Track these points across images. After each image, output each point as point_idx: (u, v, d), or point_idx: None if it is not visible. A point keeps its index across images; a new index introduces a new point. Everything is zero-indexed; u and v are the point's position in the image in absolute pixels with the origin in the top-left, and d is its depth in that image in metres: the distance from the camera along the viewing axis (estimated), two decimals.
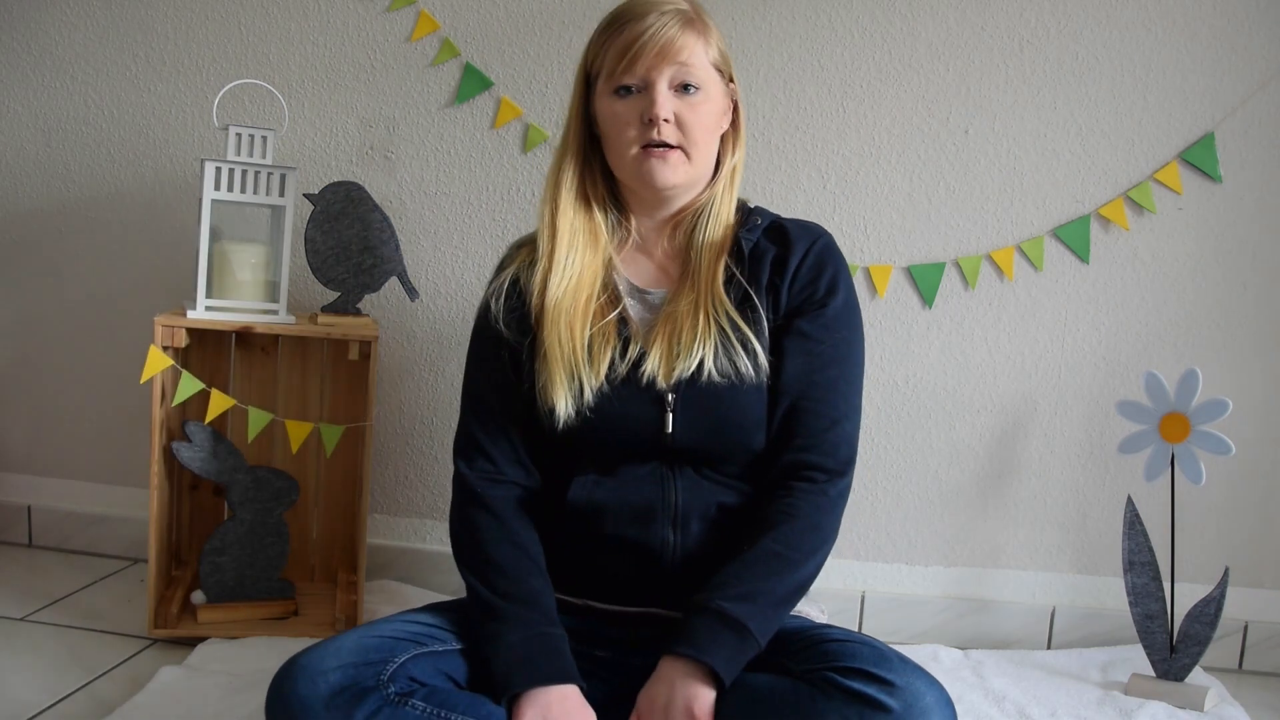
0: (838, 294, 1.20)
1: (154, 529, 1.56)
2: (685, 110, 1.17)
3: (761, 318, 1.18)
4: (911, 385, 1.81)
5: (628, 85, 1.17)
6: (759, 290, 1.20)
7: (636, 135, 1.17)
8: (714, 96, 1.20)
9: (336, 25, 1.84)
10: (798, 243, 1.22)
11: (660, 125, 1.15)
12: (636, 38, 1.15)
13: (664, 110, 1.15)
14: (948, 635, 1.80)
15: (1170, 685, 1.56)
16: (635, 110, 1.17)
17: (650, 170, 1.17)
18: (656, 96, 1.15)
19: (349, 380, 1.78)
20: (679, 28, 1.15)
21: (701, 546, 1.15)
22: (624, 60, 1.16)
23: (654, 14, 1.16)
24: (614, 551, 1.16)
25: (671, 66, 1.15)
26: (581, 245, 1.21)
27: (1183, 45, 1.72)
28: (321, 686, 0.99)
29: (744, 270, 1.21)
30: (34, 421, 1.97)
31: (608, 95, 1.19)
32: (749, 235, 1.23)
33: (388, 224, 1.68)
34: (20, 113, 1.91)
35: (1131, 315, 1.78)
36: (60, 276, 1.93)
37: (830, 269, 1.21)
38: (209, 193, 1.56)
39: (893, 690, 0.97)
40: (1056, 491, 1.81)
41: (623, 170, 1.21)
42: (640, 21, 1.16)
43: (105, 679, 1.43)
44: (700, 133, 1.18)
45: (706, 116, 1.19)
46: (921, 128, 1.77)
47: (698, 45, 1.17)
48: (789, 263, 1.21)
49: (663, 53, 1.15)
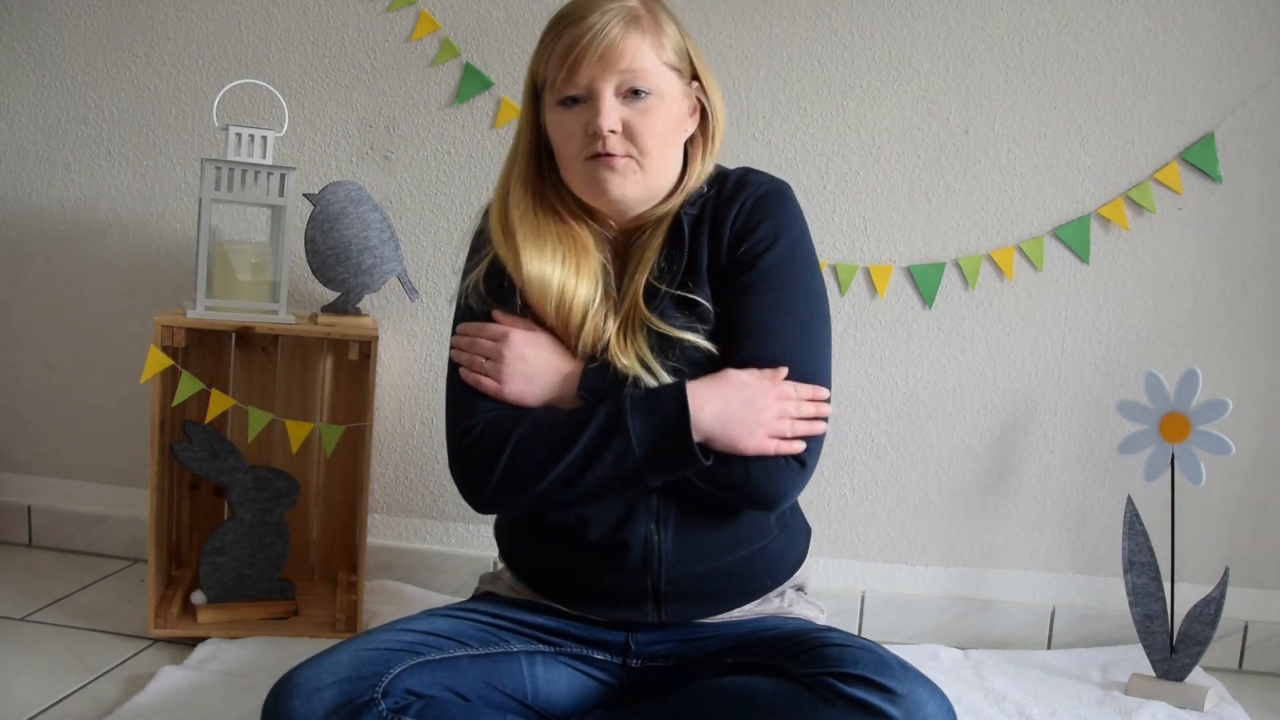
0: (778, 244, 1.12)
1: (154, 529, 1.56)
2: (634, 117, 1.08)
3: (701, 302, 1.11)
4: (911, 385, 1.81)
5: (572, 95, 1.09)
6: (698, 272, 1.13)
7: (580, 147, 1.09)
8: (670, 99, 1.10)
9: (336, 25, 1.84)
10: (734, 199, 1.14)
11: (605, 138, 1.07)
12: (575, 42, 1.06)
13: (608, 121, 1.07)
14: (948, 635, 1.80)
15: (1170, 685, 1.56)
16: (579, 122, 1.09)
17: (602, 180, 1.10)
18: (601, 106, 1.07)
19: (349, 380, 1.78)
20: (622, 27, 1.06)
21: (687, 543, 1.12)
22: (565, 68, 1.07)
23: (595, 14, 1.07)
24: (600, 559, 1.13)
25: (616, 73, 1.07)
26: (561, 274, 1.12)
27: (1183, 45, 1.72)
28: (316, 704, 0.98)
29: (682, 251, 1.13)
30: (34, 421, 1.97)
31: (554, 107, 1.11)
32: (690, 209, 1.15)
33: (388, 224, 1.68)
34: (21, 112, 1.91)
35: (1131, 315, 1.78)
36: (60, 276, 1.93)
37: (769, 220, 1.13)
38: (209, 193, 1.56)
39: (894, 698, 0.97)
40: (1056, 491, 1.81)
41: (575, 185, 1.13)
42: (580, 24, 1.07)
43: (105, 679, 1.43)
44: (652, 140, 1.09)
45: (659, 123, 1.10)
46: (921, 128, 1.77)
47: (644, 46, 1.08)
48: (723, 226, 1.13)
49: (605, 58, 1.06)
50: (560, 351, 1.13)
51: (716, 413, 1.05)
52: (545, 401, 1.11)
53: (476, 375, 1.12)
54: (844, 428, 1.81)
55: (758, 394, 1.06)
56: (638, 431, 1.05)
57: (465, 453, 1.10)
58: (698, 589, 1.13)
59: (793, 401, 1.08)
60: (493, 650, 1.12)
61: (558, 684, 1.14)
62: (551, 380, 1.12)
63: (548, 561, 1.17)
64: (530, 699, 1.12)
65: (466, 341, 1.15)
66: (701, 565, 1.12)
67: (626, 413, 1.05)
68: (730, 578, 1.15)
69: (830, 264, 1.78)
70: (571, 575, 1.16)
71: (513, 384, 1.11)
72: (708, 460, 1.06)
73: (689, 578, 1.12)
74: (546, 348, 1.13)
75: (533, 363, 1.12)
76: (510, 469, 1.07)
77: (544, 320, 1.14)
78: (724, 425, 1.06)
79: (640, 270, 1.13)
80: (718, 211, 1.14)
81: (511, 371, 1.11)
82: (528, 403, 1.11)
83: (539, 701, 1.12)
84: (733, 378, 1.08)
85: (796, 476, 1.09)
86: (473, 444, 1.10)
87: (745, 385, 1.07)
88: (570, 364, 1.12)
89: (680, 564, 1.12)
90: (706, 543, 1.13)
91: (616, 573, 1.13)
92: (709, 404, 1.05)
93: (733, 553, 1.14)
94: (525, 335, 1.12)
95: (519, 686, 1.12)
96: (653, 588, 1.12)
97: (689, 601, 1.14)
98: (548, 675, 1.14)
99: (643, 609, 1.14)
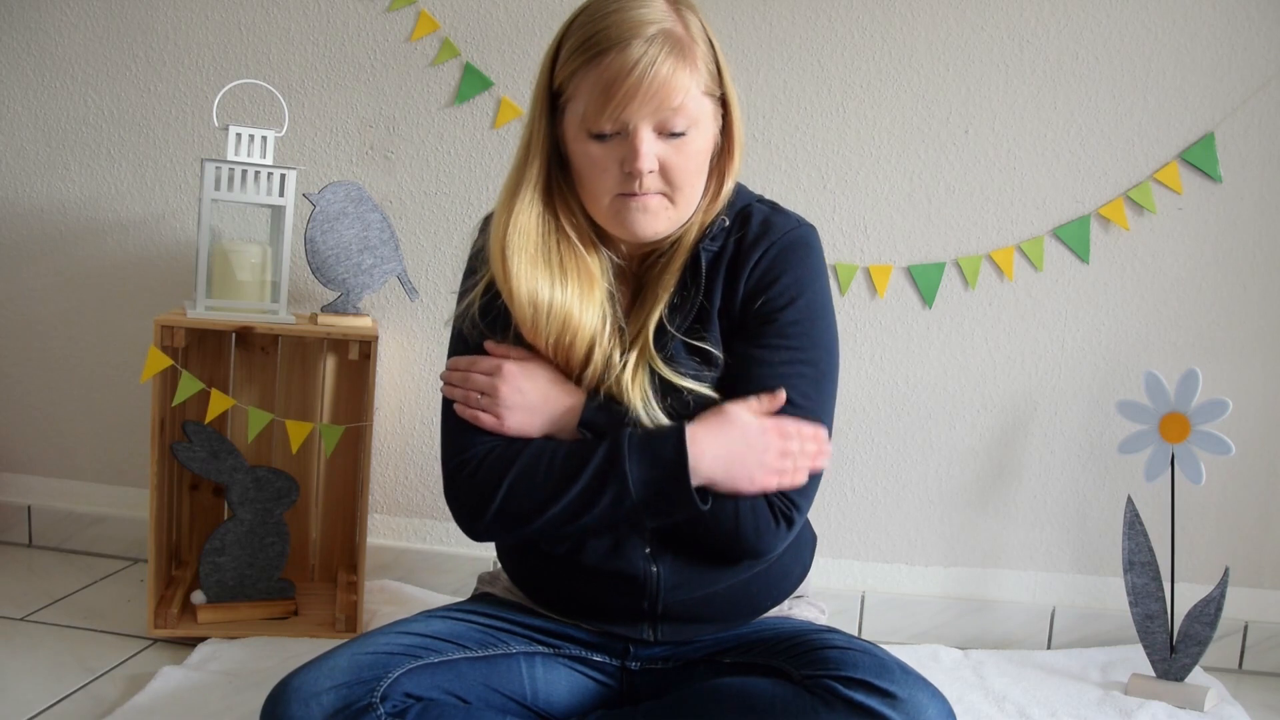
0: (798, 301, 1.09)
1: (154, 529, 1.56)
2: (671, 155, 1.04)
3: (711, 350, 1.09)
4: (911, 385, 1.81)
5: (604, 131, 1.02)
6: (709, 314, 1.10)
7: (614, 184, 1.04)
8: (703, 127, 1.06)
9: (336, 25, 1.84)
10: (756, 245, 1.10)
11: (643, 178, 1.03)
12: (619, 77, 0.99)
13: (647, 162, 1.02)
14: (948, 635, 1.80)
15: (1170, 685, 1.56)
16: (614, 155, 1.03)
17: (630, 220, 1.06)
18: (639, 146, 1.01)
19: (349, 380, 1.78)
20: (672, 63, 1.00)
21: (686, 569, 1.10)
22: (606, 103, 1.00)
23: (638, 42, 0.99)
24: (597, 582, 1.12)
25: (659, 113, 1.01)
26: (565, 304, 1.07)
27: (1183, 45, 1.72)
28: (315, 709, 0.98)
29: (697, 290, 1.09)
30: (34, 421, 1.97)
31: (580, 132, 1.04)
32: (710, 245, 1.11)
33: (388, 224, 1.68)
34: (21, 113, 1.91)
35: (1131, 315, 1.78)
36: (60, 276, 1.93)
37: (790, 273, 1.10)
38: (209, 193, 1.56)
39: (895, 702, 0.96)
40: (1056, 491, 1.81)
41: (598, 215, 1.09)
42: (623, 54, 0.99)
43: (105, 679, 1.43)
44: (687, 178, 1.06)
45: (695, 159, 1.06)
46: (921, 128, 1.77)
47: (688, 79, 1.02)
48: (741, 273, 1.10)
49: (653, 99, 1.00)
50: (558, 381, 1.10)
51: (718, 456, 1.03)
52: (546, 433, 1.09)
53: (474, 411, 1.10)
54: (844, 428, 1.81)
55: (759, 434, 1.04)
56: (635, 475, 1.02)
57: (462, 485, 1.09)
58: (696, 612, 1.13)
59: (795, 440, 1.06)
60: (492, 652, 1.12)
61: (557, 685, 1.14)
62: (551, 411, 1.09)
63: (545, 578, 1.16)
64: (530, 700, 1.12)
65: (459, 377, 1.12)
66: (701, 590, 1.11)
67: (624, 457, 1.03)
68: (729, 601, 1.14)
69: (830, 264, 1.78)
70: (568, 594, 1.15)
71: (512, 418, 1.08)
72: (706, 504, 1.04)
73: (687, 602, 1.11)
74: (543, 378, 1.10)
75: (530, 394, 1.09)
76: (506, 505, 1.05)
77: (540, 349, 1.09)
78: (726, 468, 1.04)
79: (653, 307, 1.09)
80: (739, 255, 1.10)
81: (509, 405, 1.08)
82: (529, 434, 1.09)
83: (538, 703, 1.12)
84: (733, 418, 1.05)
85: (785, 534, 1.08)
86: (469, 476, 1.08)
87: (746, 426, 1.05)
88: (570, 396, 1.09)
89: (679, 589, 1.10)
90: (706, 568, 1.11)
91: (613, 596, 1.12)
92: (710, 449, 1.03)
93: (734, 577, 1.12)
94: (520, 367, 1.09)
95: (518, 688, 1.11)
96: (650, 610, 1.11)
97: (687, 623, 1.13)
98: (547, 676, 1.14)
99: (640, 628, 1.13)
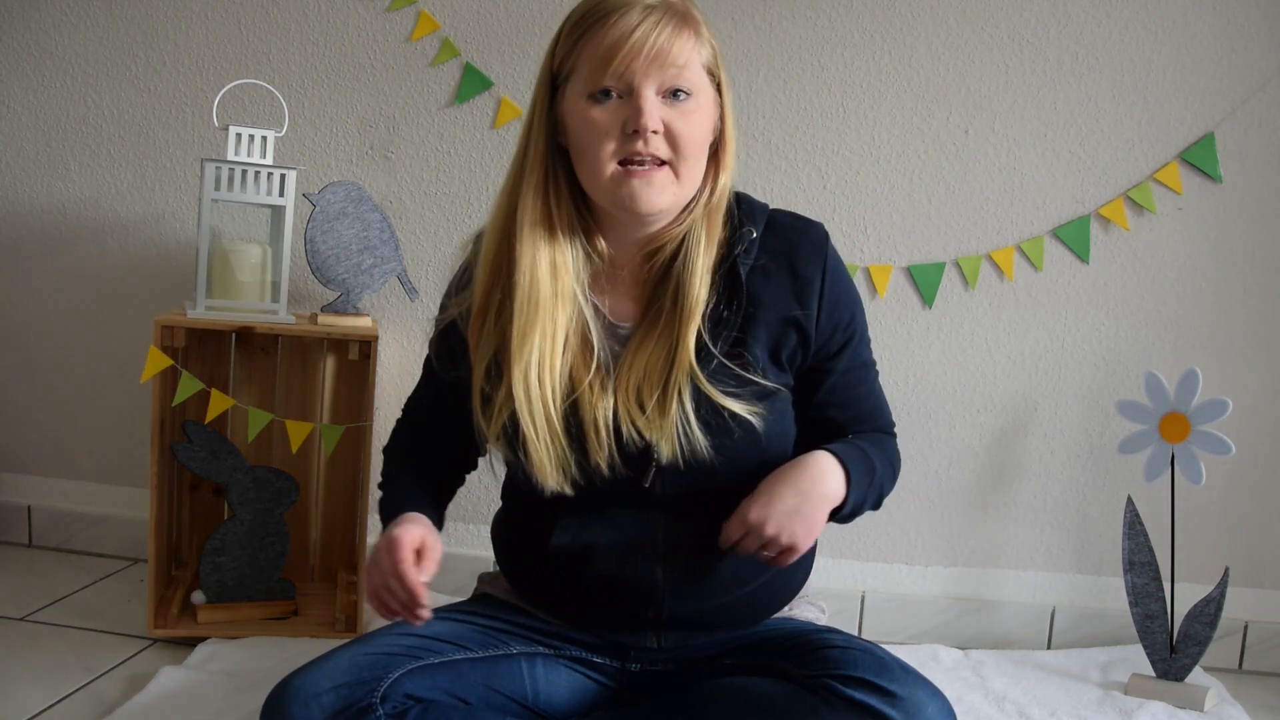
0: (857, 318, 1.14)
1: (154, 529, 1.55)
2: (676, 119, 1.01)
3: (754, 365, 1.06)
4: (911, 385, 1.81)
5: (607, 89, 1.00)
6: (754, 327, 1.07)
7: (617, 148, 1.01)
8: (705, 105, 1.04)
9: (336, 25, 1.84)
10: (807, 263, 1.09)
11: (648, 137, 1.00)
12: (623, 38, 0.98)
13: (652, 120, 0.99)
14: (948, 635, 1.80)
15: (1170, 685, 1.56)
16: (616, 118, 1.00)
17: (632, 193, 1.01)
18: (643, 104, 0.99)
19: (349, 380, 1.78)
20: (673, 27, 1.00)
21: (694, 577, 1.10)
22: (608, 60, 0.99)
23: (640, 7, 1.00)
24: (604, 590, 1.11)
25: (662, 73, 1.00)
26: (546, 296, 1.04)
27: (1183, 45, 1.72)
28: (315, 710, 0.97)
29: (738, 304, 1.06)
30: (34, 421, 1.97)
31: (580, 99, 1.02)
32: (745, 259, 1.08)
33: (388, 224, 1.69)
34: (20, 112, 1.91)
35: (1131, 315, 1.78)
36: (60, 276, 1.93)
37: (846, 294, 1.13)
38: (209, 193, 1.56)
39: (895, 701, 0.96)
40: (1056, 491, 1.81)
41: (597, 190, 1.04)
42: (624, 16, 0.99)
43: (105, 679, 1.43)
44: (692, 146, 1.02)
45: (699, 127, 1.03)
46: (921, 128, 1.77)
47: (691, 46, 1.01)
48: (807, 294, 1.08)
49: (657, 58, 0.99)
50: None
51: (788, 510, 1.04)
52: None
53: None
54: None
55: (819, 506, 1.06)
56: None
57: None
58: (699, 621, 1.12)
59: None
60: (492, 653, 1.11)
61: (558, 685, 1.14)
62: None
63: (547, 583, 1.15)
64: (530, 701, 1.12)
65: (379, 579, 1.03)
66: (706, 602, 1.11)
67: None
68: (733, 610, 1.13)
69: None
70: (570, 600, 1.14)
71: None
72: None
73: (692, 612, 1.11)
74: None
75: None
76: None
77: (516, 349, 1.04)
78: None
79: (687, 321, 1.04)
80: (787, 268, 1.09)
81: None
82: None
83: (539, 703, 1.12)
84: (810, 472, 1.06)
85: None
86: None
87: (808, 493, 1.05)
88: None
89: (684, 600, 1.10)
90: (712, 580, 1.10)
91: (617, 604, 1.11)
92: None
93: (742, 587, 1.12)
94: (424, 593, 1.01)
95: (519, 689, 1.11)
96: (653, 619, 1.11)
97: (690, 630, 1.13)
98: (548, 677, 1.13)
99: (642, 636, 1.13)
